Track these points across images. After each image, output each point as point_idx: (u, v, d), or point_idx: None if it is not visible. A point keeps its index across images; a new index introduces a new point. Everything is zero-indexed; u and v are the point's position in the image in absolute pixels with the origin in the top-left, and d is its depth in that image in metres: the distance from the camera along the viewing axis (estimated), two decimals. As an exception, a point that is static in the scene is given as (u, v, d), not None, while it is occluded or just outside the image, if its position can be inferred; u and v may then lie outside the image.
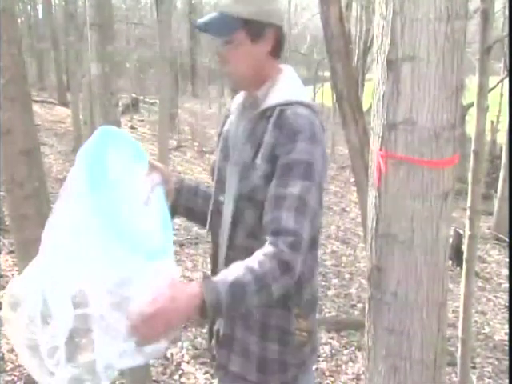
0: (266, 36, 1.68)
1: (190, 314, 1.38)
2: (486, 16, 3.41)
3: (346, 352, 5.02)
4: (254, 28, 1.66)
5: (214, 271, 1.77)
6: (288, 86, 1.71)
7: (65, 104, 17.69)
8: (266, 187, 1.59)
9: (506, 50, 11.90)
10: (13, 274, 5.59)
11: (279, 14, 1.71)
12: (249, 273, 1.43)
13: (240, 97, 1.86)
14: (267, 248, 1.48)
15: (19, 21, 20.85)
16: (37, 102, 16.90)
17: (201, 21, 1.69)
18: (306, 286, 1.71)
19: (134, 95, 19.55)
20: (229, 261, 1.60)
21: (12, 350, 4.27)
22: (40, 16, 26.32)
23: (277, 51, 1.73)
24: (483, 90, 3.60)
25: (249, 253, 1.51)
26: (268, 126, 1.63)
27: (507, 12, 13.31)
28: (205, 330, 4.05)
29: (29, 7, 26.69)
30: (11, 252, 5.83)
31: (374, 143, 1.80)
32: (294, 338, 1.71)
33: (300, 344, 1.73)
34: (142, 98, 21.00)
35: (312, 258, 1.72)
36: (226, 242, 1.73)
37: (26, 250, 2.94)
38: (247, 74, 1.71)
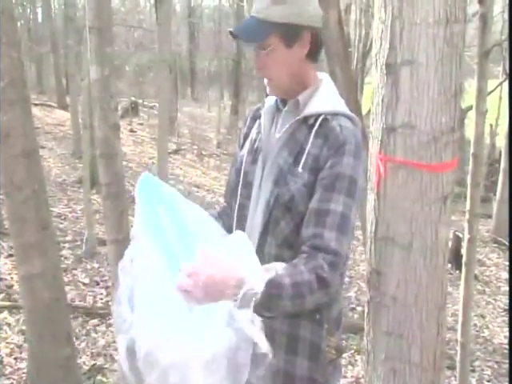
0: (302, 40, 1.62)
1: (228, 294, 1.37)
2: (485, 20, 3.42)
3: (345, 355, 5.02)
4: (288, 32, 1.60)
5: None
6: (331, 95, 1.68)
7: (64, 107, 17.66)
8: (306, 198, 1.56)
9: (505, 53, 11.92)
10: (12, 278, 5.59)
11: (317, 15, 1.64)
12: (288, 276, 1.43)
13: (272, 99, 1.79)
14: (308, 260, 1.48)
15: (18, 24, 20.87)
16: (36, 105, 16.90)
17: (237, 27, 1.67)
18: (334, 303, 1.68)
19: (133, 98, 19.54)
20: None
21: (11, 354, 4.28)
22: (39, 19, 26.35)
23: (314, 55, 1.68)
24: (482, 94, 3.61)
25: (279, 261, 1.50)
26: (310, 135, 1.60)
27: (506, 15, 13.34)
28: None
29: (28, 10, 26.73)
30: (10, 255, 5.83)
31: (373, 147, 1.80)
32: (324, 354, 1.66)
33: (329, 362, 1.67)
34: (141, 101, 21.01)
35: (341, 274, 1.62)
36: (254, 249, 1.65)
37: (26, 254, 2.94)
38: (283, 79, 1.67)
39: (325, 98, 1.66)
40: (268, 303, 1.40)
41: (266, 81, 1.71)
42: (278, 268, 1.44)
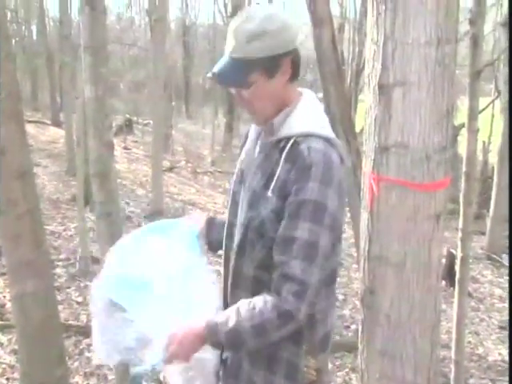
0: (283, 67, 1.61)
1: (197, 350, 1.59)
2: (476, 41, 3.47)
3: (339, 374, 4.99)
4: (268, 65, 1.58)
5: (225, 293, 1.76)
6: (305, 115, 1.64)
7: (58, 124, 17.67)
8: (276, 223, 1.55)
9: (497, 72, 12.02)
10: (4, 296, 5.55)
11: (293, 38, 1.62)
12: (248, 320, 1.49)
13: None
14: (271, 295, 1.51)
15: (13, 41, 20.93)
16: (30, 122, 16.90)
17: (214, 70, 1.62)
18: (319, 325, 1.66)
19: (127, 116, 19.58)
20: (235, 287, 1.67)
21: (3, 374, 4.24)
22: (34, 37, 26.43)
23: (295, 76, 1.66)
24: (473, 113, 3.64)
25: (256, 282, 1.56)
26: (280, 158, 1.58)
27: (497, 34, 13.47)
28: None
29: (23, 27, 26.82)
30: (3, 274, 5.79)
31: (367, 166, 1.81)
32: (302, 375, 1.66)
33: (308, 382, 1.67)
34: (135, 118, 21.04)
35: (327, 297, 1.66)
36: (231, 269, 1.71)
37: (18, 272, 2.92)
38: (268, 110, 1.66)
39: (299, 118, 1.63)
40: (233, 348, 1.61)
41: (250, 114, 1.71)
42: (242, 309, 1.52)
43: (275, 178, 1.57)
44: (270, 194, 1.57)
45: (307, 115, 1.64)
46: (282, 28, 1.58)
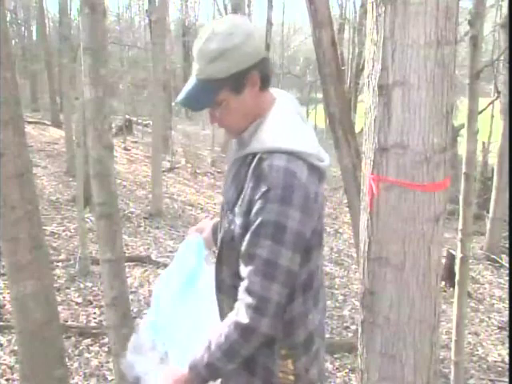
0: (251, 80, 1.59)
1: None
2: (476, 42, 3.46)
3: (339, 375, 5.00)
4: (236, 81, 1.57)
5: (218, 298, 1.81)
6: (274, 128, 1.61)
7: (58, 125, 17.68)
8: (243, 239, 1.57)
9: (496, 72, 12.02)
10: (4, 297, 5.55)
11: (257, 49, 1.59)
12: (218, 349, 1.57)
13: None
14: (232, 314, 1.58)
15: (13, 42, 20.96)
16: (30, 123, 16.91)
17: (181, 96, 1.62)
18: (297, 330, 1.69)
19: (127, 116, 19.58)
20: (219, 291, 1.76)
21: (2, 375, 4.23)
22: (34, 37, 26.46)
23: (265, 85, 1.64)
24: (473, 114, 3.65)
25: (235, 289, 1.60)
26: (247, 175, 1.59)
27: (497, 35, 13.48)
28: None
29: (23, 28, 26.84)
30: (3, 275, 5.80)
31: (366, 167, 1.81)
32: (277, 380, 1.69)
33: None
34: (135, 119, 21.04)
35: (304, 302, 1.68)
36: (215, 275, 1.76)
37: (18, 273, 2.93)
38: (241, 123, 1.66)
39: (267, 132, 1.60)
40: (217, 377, 1.69)
41: (224, 129, 1.72)
42: (212, 341, 1.59)
43: (242, 195, 1.59)
44: (238, 210, 1.60)
45: (276, 127, 1.61)
46: (245, 42, 1.55)
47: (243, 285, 1.55)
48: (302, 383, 1.74)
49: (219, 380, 1.78)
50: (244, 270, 1.56)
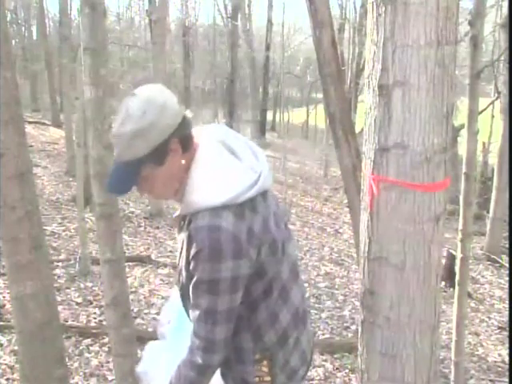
0: (172, 149, 1.61)
1: None
2: (476, 42, 3.46)
3: (339, 375, 4.99)
4: (156, 155, 1.60)
5: None
6: (195, 188, 1.63)
7: (58, 125, 17.69)
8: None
9: (497, 72, 12.03)
10: (4, 297, 5.55)
11: (173, 118, 1.60)
12: None
13: None
14: (187, 355, 1.71)
15: (13, 42, 20.96)
16: (30, 123, 16.91)
17: (110, 185, 1.65)
18: (267, 333, 1.78)
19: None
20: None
21: (2, 375, 4.23)
22: (34, 37, 26.46)
23: (187, 147, 1.66)
24: (473, 115, 3.64)
25: None
26: (184, 234, 1.67)
27: (497, 35, 13.48)
28: None
29: (23, 28, 26.84)
30: (3, 274, 5.80)
31: (366, 167, 1.81)
32: None
33: None
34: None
35: (267, 307, 1.76)
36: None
37: (18, 274, 2.93)
38: (169, 190, 1.72)
39: (191, 193, 1.63)
40: None
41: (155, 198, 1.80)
42: (174, 381, 1.74)
43: (184, 252, 1.68)
44: (182, 263, 1.71)
45: (198, 186, 1.63)
46: (160, 116, 1.57)
47: (193, 329, 1.69)
48: (283, 376, 1.83)
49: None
50: (192, 316, 1.69)
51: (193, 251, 1.58)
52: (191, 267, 1.61)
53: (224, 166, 1.66)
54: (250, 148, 1.77)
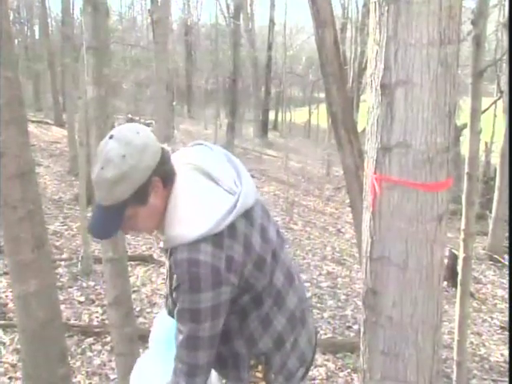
0: (153, 188, 1.64)
1: None
2: (478, 42, 3.46)
3: (341, 374, 4.99)
4: (139, 196, 1.61)
5: None
6: (174, 223, 1.65)
7: (61, 125, 17.69)
8: None
9: (499, 72, 12.01)
10: (7, 296, 5.56)
11: (153, 158, 1.61)
12: None
13: None
14: (172, 377, 1.75)
15: (16, 41, 20.98)
16: (33, 122, 16.92)
17: (91, 228, 1.66)
18: (261, 339, 1.81)
19: (130, 116, 19.58)
20: None
21: (5, 374, 4.24)
22: (37, 36, 26.46)
23: (167, 183, 1.67)
24: (476, 114, 3.64)
25: None
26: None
27: (500, 35, 13.45)
28: None
29: (26, 28, 26.85)
30: (5, 273, 5.81)
31: (368, 166, 1.80)
32: None
33: None
34: (138, 118, 21.05)
35: (258, 316, 1.79)
36: None
37: (20, 273, 2.93)
38: (154, 225, 1.75)
39: (170, 228, 1.65)
40: None
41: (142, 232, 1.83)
42: None
43: (167, 281, 1.76)
44: (167, 290, 1.80)
45: (176, 220, 1.65)
46: (140, 158, 1.57)
47: (176, 353, 1.73)
48: (280, 378, 1.86)
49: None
50: (176, 341, 1.74)
51: (174, 283, 1.64)
52: (174, 296, 1.67)
53: (201, 196, 1.68)
54: (232, 165, 1.79)
